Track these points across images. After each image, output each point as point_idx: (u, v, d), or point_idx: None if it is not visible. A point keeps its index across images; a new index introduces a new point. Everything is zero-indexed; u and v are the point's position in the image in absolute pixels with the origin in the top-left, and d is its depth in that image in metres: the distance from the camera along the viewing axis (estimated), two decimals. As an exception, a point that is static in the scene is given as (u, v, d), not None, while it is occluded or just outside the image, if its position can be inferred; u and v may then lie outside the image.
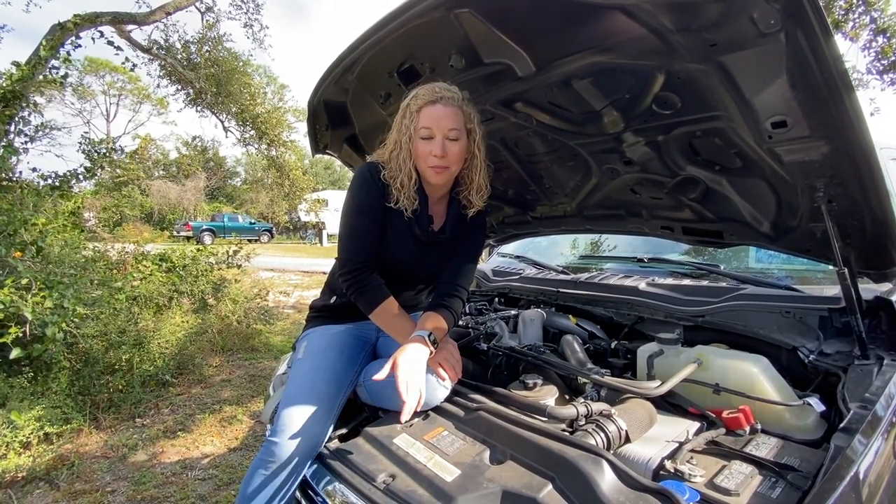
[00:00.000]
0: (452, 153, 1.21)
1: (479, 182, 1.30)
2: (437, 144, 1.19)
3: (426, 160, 1.21)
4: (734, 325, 1.43)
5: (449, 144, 1.20)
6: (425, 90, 1.21)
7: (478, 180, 1.29)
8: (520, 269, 2.33)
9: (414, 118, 1.20)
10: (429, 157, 1.20)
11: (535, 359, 1.37)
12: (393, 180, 1.24)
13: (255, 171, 25.36)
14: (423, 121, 1.19)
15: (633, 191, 1.52)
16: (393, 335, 1.23)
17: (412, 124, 1.20)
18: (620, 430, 0.99)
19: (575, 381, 1.29)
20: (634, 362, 1.54)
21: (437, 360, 1.15)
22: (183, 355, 4.44)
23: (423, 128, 1.19)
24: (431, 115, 1.18)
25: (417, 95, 1.21)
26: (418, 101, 1.20)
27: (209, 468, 2.83)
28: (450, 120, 1.19)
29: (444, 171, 1.22)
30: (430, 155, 1.20)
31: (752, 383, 1.13)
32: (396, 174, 1.23)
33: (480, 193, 1.32)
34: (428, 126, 1.19)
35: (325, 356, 1.25)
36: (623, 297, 1.69)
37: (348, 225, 1.27)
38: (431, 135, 1.20)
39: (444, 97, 1.19)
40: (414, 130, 1.20)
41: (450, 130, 1.19)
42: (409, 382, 1.03)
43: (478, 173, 1.29)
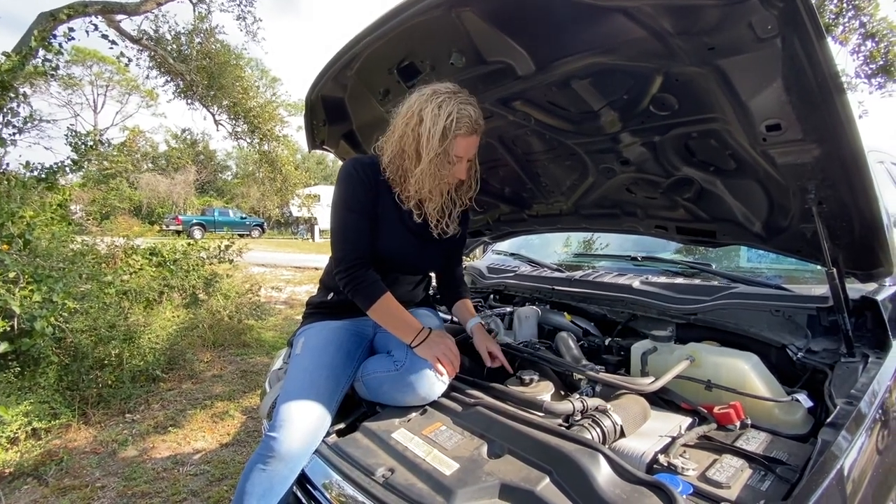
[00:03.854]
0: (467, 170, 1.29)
1: (470, 182, 1.35)
2: (464, 169, 1.26)
3: (444, 178, 1.25)
4: (726, 323, 1.46)
5: (469, 165, 1.28)
6: (466, 119, 1.18)
7: (469, 181, 1.34)
8: (514, 266, 2.35)
9: (451, 144, 1.20)
10: (450, 177, 1.26)
11: (531, 355, 1.39)
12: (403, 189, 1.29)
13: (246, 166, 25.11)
14: (458, 149, 1.22)
15: (628, 190, 1.54)
16: (391, 330, 1.24)
17: (442, 147, 1.18)
18: (615, 424, 1.01)
19: (570, 377, 1.31)
20: (628, 359, 1.57)
21: (435, 355, 1.17)
22: (173, 350, 4.41)
23: (457, 156, 1.23)
24: (468, 146, 1.23)
25: (460, 122, 1.17)
26: (461, 128, 1.18)
27: (201, 463, 2.82)
28: (476, 146, 1.26)
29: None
30: (454, 176, 1.26)
31: (742, 380, 1.16)
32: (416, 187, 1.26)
33: (470, 193, 1.38)
34: (461, 155, 1.23)
35: (323, 352, 1.25)
36: (617, 295, 1.72)
37: (339, 222, 1.28)
38: (461, 160, 1.24)
39: (481, 125, 1.24)
40: (444, 153, 1.20)
41: (474, 155, 1.27)
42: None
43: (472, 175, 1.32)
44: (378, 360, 1.28)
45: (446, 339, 1.22)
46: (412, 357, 1.18)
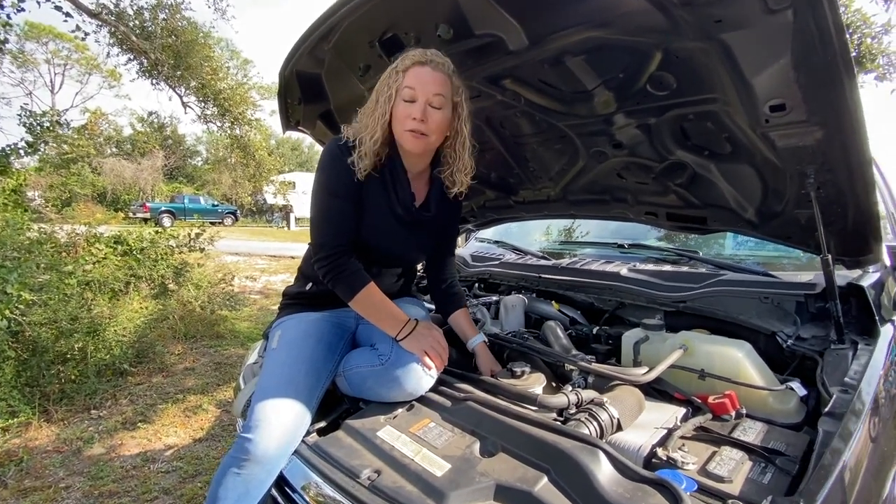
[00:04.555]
0: (433, 121, 1.14)
1: (465, 160, 1.24)
2: (419, 108, 1.12)
3: (404, 123, 1.14)
4: (715, 311, 1.45)
5: (431, 111, 1.13)
6: (416, 51, 1.13)
7: (463, 158, 1.23)
8: (499, 254, 2.29)
9: (399, 78, 1.12)
10: (407, 120, 1.13)
11: (521, 345, 1.34)
12: (359, 141, 1.16)
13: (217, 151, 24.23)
14: (408, 80, 1.12)
15: (619, 175, 1.49)
16: (375, 322, 1.17)
17: (395, 83, 1.12)
18: (612, 418, 0.97)
19: (561, 368, 1.27)
20: (618, 348, 1.54)
21: (422, 348, 1.10)
22: (142, 343, 4.23)
23: (407, 88, 1.12)
24: (418, 77, 1.11)
25: (406, 56, 1.13)
26: (406, 62, 1.13)
27: (173, 460, 2.71)
28: (436, 85, 1.12)
29: (422, 138, 1.14)
30: (409, 118, 1.12)
31: (736, 368, 1.14)
32: (364, 132, 1.15)
33: (465, 172, 1.26)
34: (412, 87, 1.12)
35: (302, 345, 1.17)
36: (605, 283, 1.68)
37: (319, 208, 1.19)
38: (414, 97, 1.12)
39: (434, 61, 1.12)
40: (396, 90, 1.12)
41: (434, 96, 1.12)
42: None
43: (463, 151, 1.23)
44: (361, 353, 1.21)
45: (434, 330, 1.15)
46: (398, 350, 1.11)
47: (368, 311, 1.17)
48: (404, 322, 1.13)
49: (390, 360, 1.10)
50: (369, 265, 1.23)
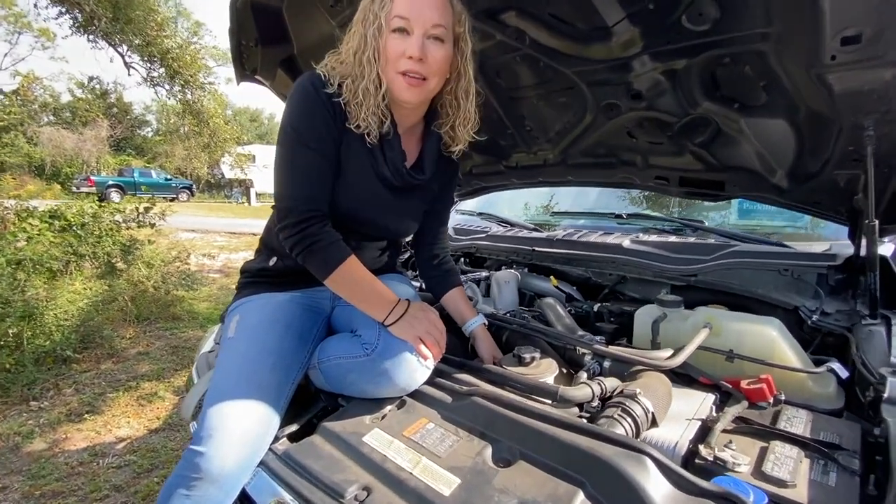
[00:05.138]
0: (434, 59, 0.91)
1: (468, 111, 1.02)
2: (415, 43, 0.88)
3: (397, 63, 0.90)
4: (730, 284, 1.32)
5: (430, 46, 0.90)
6: None
7: (465, 107, 1.01)
8: (484, 227, 2.11)
9: (386, 4, 0.88)
10: (401, 59, 0.90)
11: (524, 326, 1.17)
12: (351, 91, 0.92)
13: (168, 120, 22.61)
14: (398, 8, 0.88)
15: (629, 134, 1.32)
16: (359, 304, 0.96)
17: (382, 12, 0.88)
18: (647, 411, 0.82)
19: (570, 352, 1.11)
20: (624, 326, 1.41)
21: (417, 335, 0.91)
22: (87, 327, 3.87)
23: (398, 17, 0.88)
24: (411, 3, 0.88)
25: None
26: None
27: (125, 454, 2.46)
28: (435, 12, 0.89)
29: (420, 84, 0.92)
30: (404, 56, 0.89)
31: (770, 349, 1.01)
32: (357, 79, 0.92)
33: (468, 126, 1.05)
34: (405, 16, 0.88)
35: (267, 332, 0.96)
36: (606, 256, 1.54)
37: (288, 161, 0.95)
38: (408, 28, 0.89)
39: None
40: (385, 20, 0.88)
41: (434, 27, 0.89)
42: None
43: (466, 98, 1.01)
44: (340, 341, 1.00)
45: (429, 312, 0.96)
46: (386, 338, 0.91)
47: (349, 291, 0.96)
48: (394, 303, 0.94)
49: (377, 350, 0.90)
50: (347, 237, 1.02)
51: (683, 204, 2.14)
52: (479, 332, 1.15)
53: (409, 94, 0.92)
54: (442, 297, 1.22)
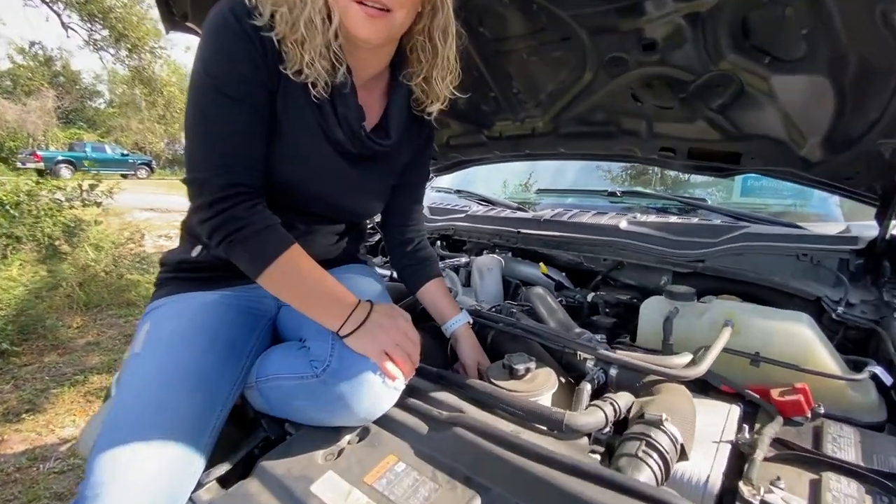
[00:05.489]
0: None
1: (446, 57, 0.80)
2: None
3: None
4: (742, 271, 1.17)
5: None
6: None
7: (443, 53, 0.79)
8: (463, 206, 1.90)
9: None
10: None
11: (513, 326, 0.99)
12: (288, 23, 0.68)
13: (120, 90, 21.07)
14: None
15: (635, 97, 1.13)
16: (305, 310, 0.73)
17: None
18: (676, 443, 0.64)
19: (569, 356, 0.93)
20: (622, 318, 1.25)
21: (382, 347, 0.70)
22: (27, 316, 3.56)
23: None
24: None
25: None
26: None
27: (69, 457, 2.24)
28: None
29: (383, 16, 0.68)
30: None
31: (803, 350, 0.86)
32: (296, 7, 0.68)
33: (447, 77, 0.82)
34: None
35: (185, 345, 0.73)
36: (602, 239, 1.36)
37: (201, 118, 0.70)
38: None
39: None
40: None
41: None
42: None
43: (444, 42, 0.78)
44: (284, 354, 0.79)
45: (398, 318, 0.75)
46: (342, 353, 0.71)
47: (291, 293, 0.73)
48: (352, 306, 0.72)
49: (330, 370, 0.69)
50: (291, 220, 0.80)
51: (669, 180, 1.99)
52: (462, 334, 0.96)
53: (369, 29, 0.69)
54: (418, 290, 1.01)
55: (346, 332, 0.70)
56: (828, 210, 1.45)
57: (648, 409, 0.71)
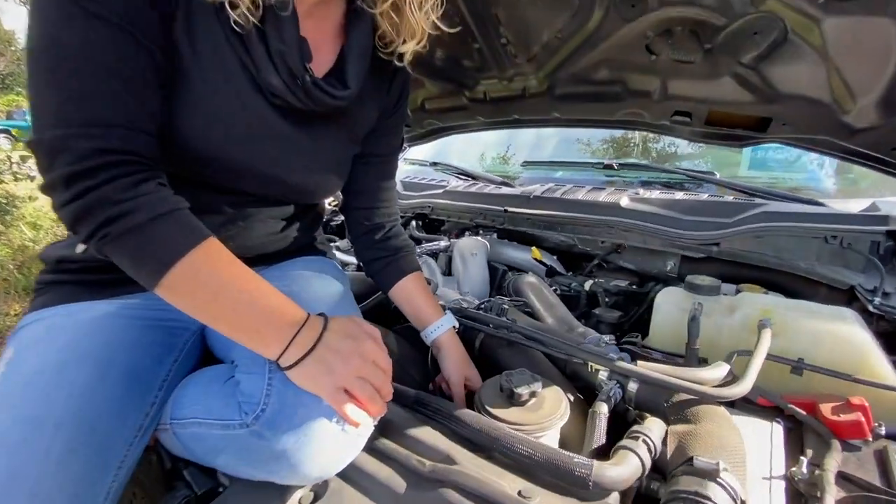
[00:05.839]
0: None
1: None
2: None
3: None
4: (763, 256, 1.02)
5: None
6: None
7: None
8: (439, 180, 1.70)
9: None
10: None
11: (509, 329, 0.81)
12: None
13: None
14: None
15: (649, 49, 0.93)
16: (229, 331, 0.51)
17: None
18: (737, 499, 0.49)
19: (575, 364, 0.77)
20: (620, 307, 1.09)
21: (340, 383, 0.51)
22: (-45, 305, 3.14)
23: None
24: None
25: None
26: None
27: None
28: None
29: None
30: None
31: (856, 355, 0.72)
32: None
33: (424, 4, 0.61)
34: None
35: (60, 382, 0.52)
36: (601, 219, 1.19)
37: (54, 48, 0.46)
38: None
39: None
40: None
41: None
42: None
43: None
44: (207, 386, 0.58)
45: (362, 338, 0.54)
46: (284, 392, 0.51)
47: (207, 309, 0.50)
48: (296, 325, 0.51)
49: (265, 418, 0.50)
50: (215, 202, 0.58)
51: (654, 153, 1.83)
52: (446, 343, 0.78)
53: None
54: (391, 289, 0.81)
55: (290, 363, 0.50)
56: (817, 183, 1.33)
57: (693, 446, 0.55)
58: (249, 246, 0.63)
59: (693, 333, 0.78)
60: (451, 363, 0.76)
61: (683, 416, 0.63)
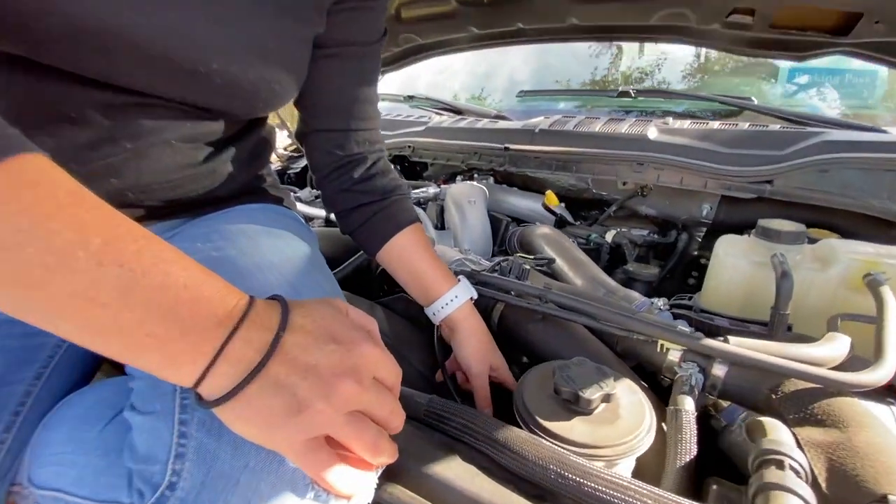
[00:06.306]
0: None
1: None
2: None
3: None
4: (829, 196, 0.84)
5: None
6: None
7: None
8: (418, 116, 1.42)
9: None
10: None
11: (542, 300, 0.59)
12: None
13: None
14: None
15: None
16: (85, 336, 0.25)
17: None
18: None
19: (630, 341, 0.57)
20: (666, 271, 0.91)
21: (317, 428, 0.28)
22: None
23: None
24: None
25: None
26: None
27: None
28: None
29: None
30: None
31: None
32: None
33: None
34: None
35: None
36: (629, 154, 0.97)
37: None
38: None
39: None
40: None
41: None
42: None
43: None
44: (80, 429, 0.34)
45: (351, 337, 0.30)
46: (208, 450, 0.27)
47: (23, 294, 0.24)
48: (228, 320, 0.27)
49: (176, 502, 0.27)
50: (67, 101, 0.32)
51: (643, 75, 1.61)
52: (463, 321, 0.56)
53: None
54: (380, 250, 0.57)
55: (218, 393, 0.26)
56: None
57: (860, 472, 0.37)
58: (146, 185, 0.37)
59: (784, 294, 0.59)
60: (471, 348, 0.55)
61: (813, 416, 0.45)
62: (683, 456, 0.43)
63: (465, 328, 0.55)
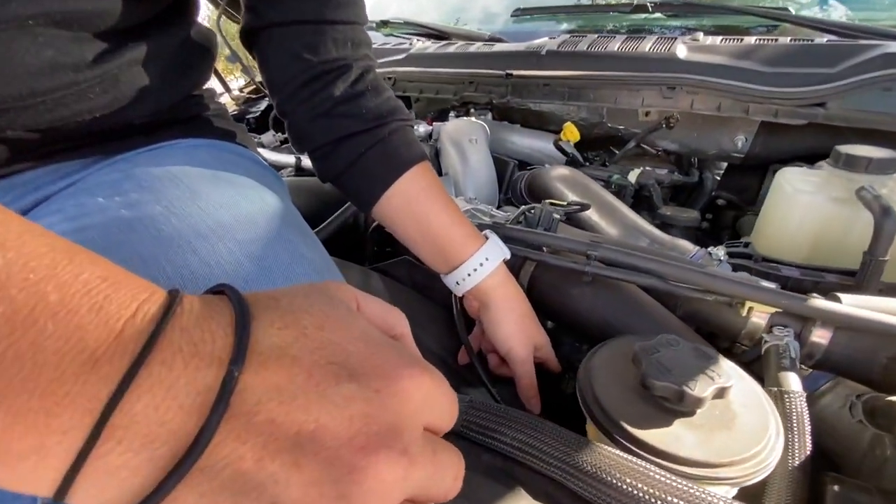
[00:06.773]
0: None
1: None
2: None
3: None
4: (888, 119, 0.73)
5: None
6: None
7: None
8: (398, 44, 1.22)
9: None
10: None
11: (589, 257, 0.46)
12: None
13: None
14: None
15: None
16: None
17: None
18: None
19: (697, 302, 0.45)
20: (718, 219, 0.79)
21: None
22: None
23: None
24: None
25: None
26: None
27: None
28: None
29: None
30: None
31: None
32: None
33: None
34: None
35: None
36: (657, 76, 0.82)
37: None
38: None
39: None
40: None
41: None
42: None
43: None
44: None
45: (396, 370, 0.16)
46: None
47: None
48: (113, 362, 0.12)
49: None
50: None
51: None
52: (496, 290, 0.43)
53: None
54: (379, 199, 0.42)
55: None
56: None
57: None
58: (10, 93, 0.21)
59: (886, 236, 0.47)
60: (511, 326, 0.42)
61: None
62: (797, 455, 0.33)
63: (501, 301, 0.42)
